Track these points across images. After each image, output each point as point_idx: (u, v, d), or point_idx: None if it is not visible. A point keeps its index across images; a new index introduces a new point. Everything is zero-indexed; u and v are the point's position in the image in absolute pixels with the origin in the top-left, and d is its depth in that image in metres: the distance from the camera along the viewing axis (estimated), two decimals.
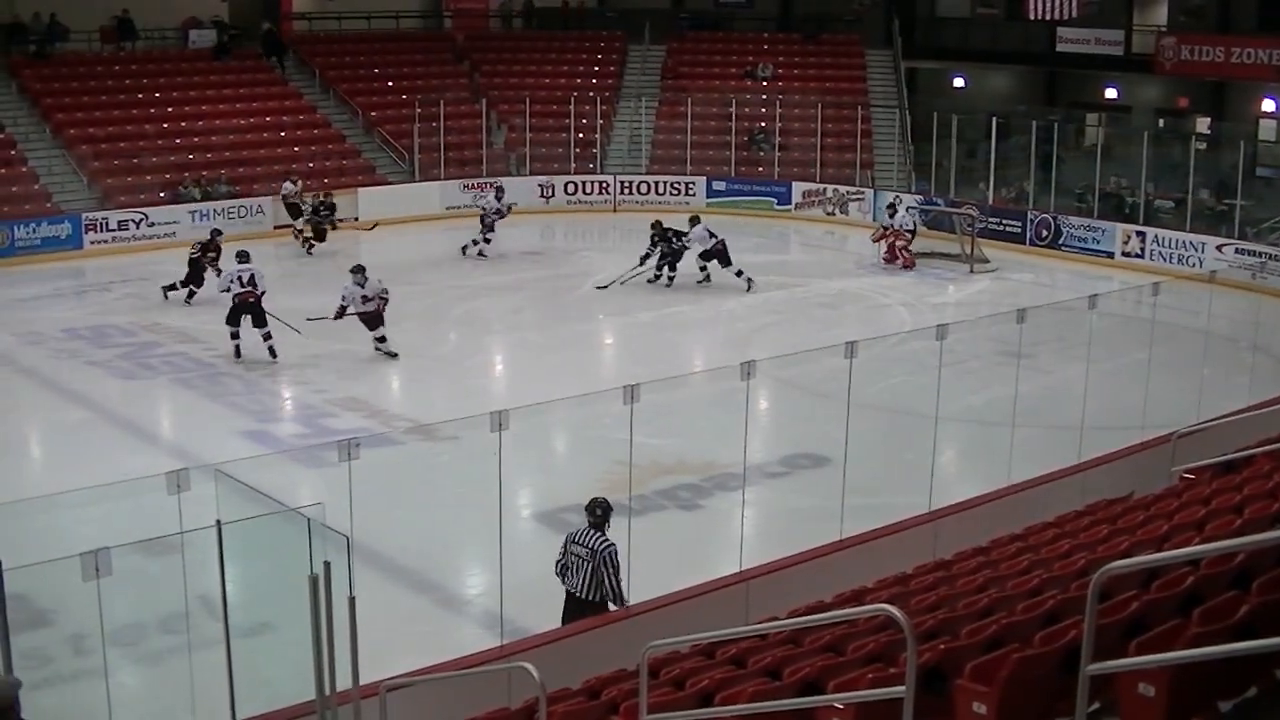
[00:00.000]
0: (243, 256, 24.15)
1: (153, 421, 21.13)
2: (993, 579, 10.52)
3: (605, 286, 28.38)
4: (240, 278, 23.44)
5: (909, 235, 32.22)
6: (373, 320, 23.64)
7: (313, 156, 38.26)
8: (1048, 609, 8.60)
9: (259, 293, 23.42)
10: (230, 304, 23.45)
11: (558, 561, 12.61)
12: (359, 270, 24.00)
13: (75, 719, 11.33)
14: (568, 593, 12.52)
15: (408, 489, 16.76)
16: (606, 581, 12.32)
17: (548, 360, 23.97)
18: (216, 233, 28.86)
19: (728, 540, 14.69)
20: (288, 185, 34.32)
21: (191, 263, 27.81)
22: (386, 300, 23.79)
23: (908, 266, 31.79)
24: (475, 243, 32.76)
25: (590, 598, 12.33)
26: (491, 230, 32.85)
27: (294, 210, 34.00)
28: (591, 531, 12.46)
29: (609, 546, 12.35)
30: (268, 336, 23.25)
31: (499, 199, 33.12)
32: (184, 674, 11.45)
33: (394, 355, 23.57)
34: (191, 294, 27.72)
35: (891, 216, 32.50)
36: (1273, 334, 23.78)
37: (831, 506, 14.47)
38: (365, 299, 23.56)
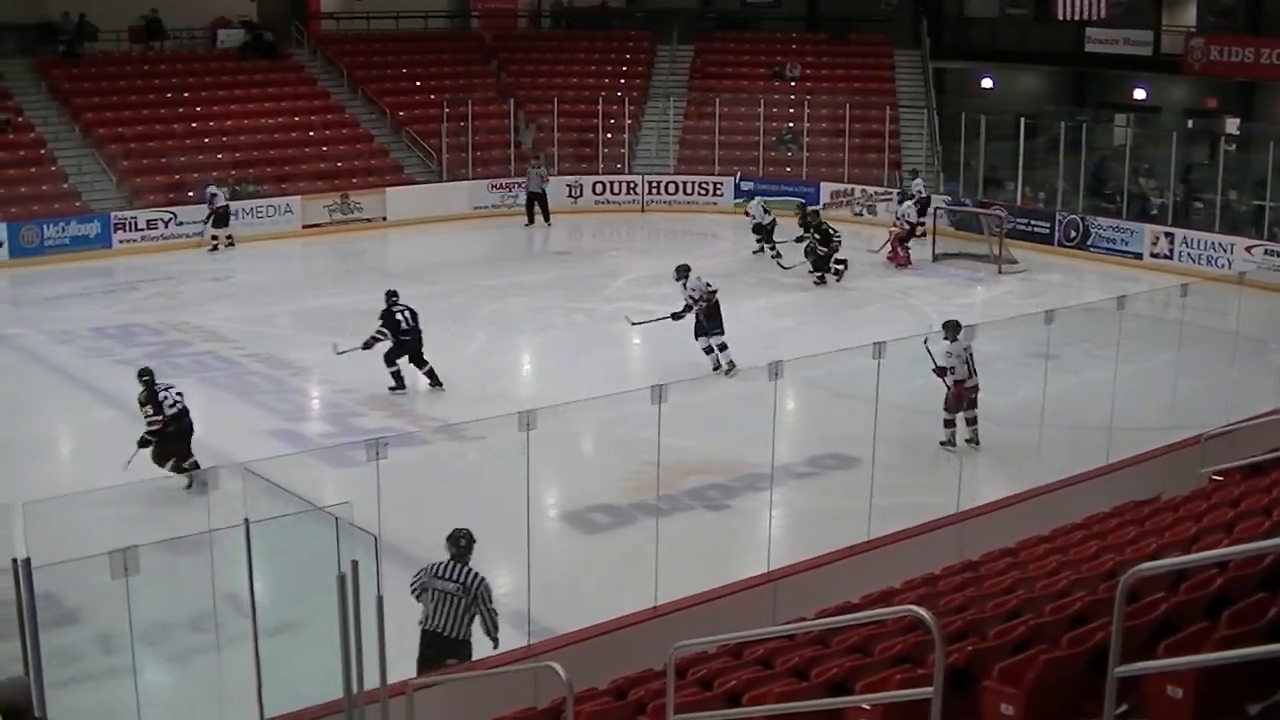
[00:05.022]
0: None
1: None
2: (1020, 580, 10.50)
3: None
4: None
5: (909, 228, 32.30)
6: None
7: (341, 156, 38.34)
8: (1076, 610, 8.58)
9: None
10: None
11: (412, 589, 11.80)
12: None
13: (103, 717, 11.37)
14: (427, 633, 11.72)
15: (435, 489, 16.79)
16: (483, 617, 11.67)
17: (575, 360, 23.96)
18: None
19: (755, 540, 14.68)
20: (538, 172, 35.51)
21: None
22: None
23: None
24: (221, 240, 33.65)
25: (457, 636, 11.66)
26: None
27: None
28: (455, 565, 11.71)
29: (483, 580, 11.66)
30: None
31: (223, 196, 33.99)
32: (212, 672, 11.50)
33: None
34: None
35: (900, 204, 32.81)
36: None
37: (859, 507, 14.45)
38: None
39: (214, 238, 33.35)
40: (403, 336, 21.83)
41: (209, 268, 31.71)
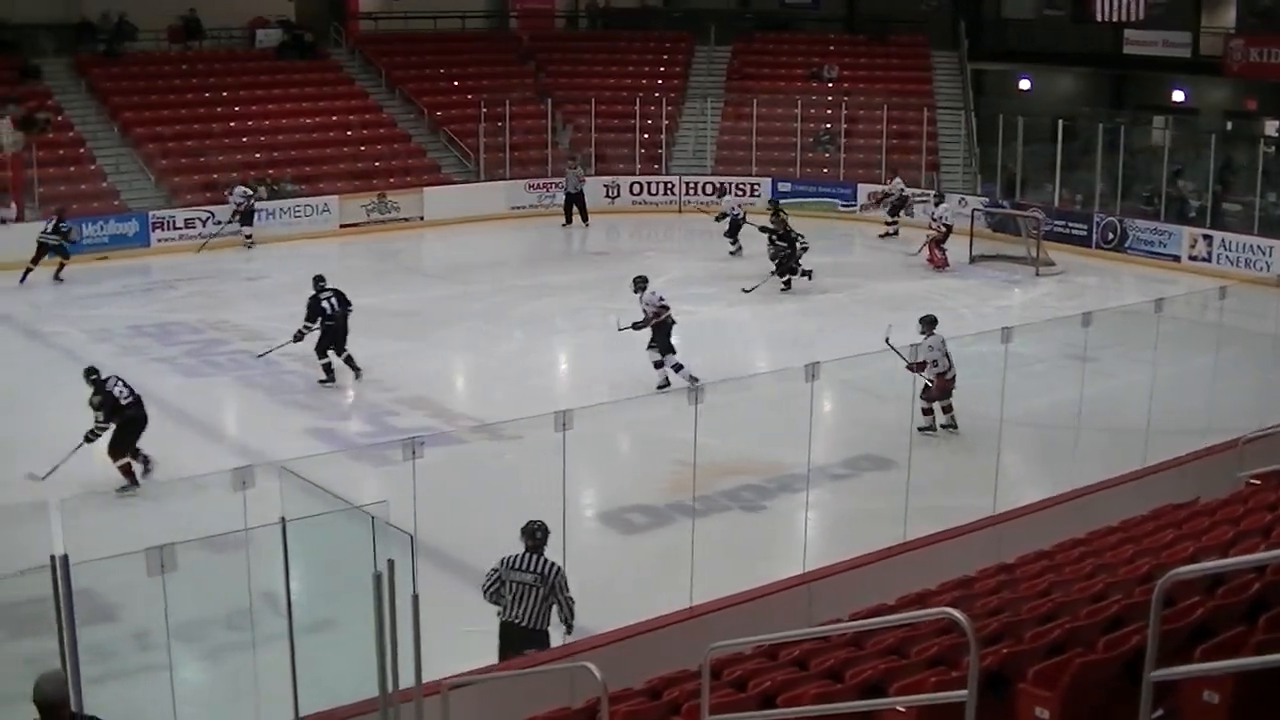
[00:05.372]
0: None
1: (218, 418, 21.27)
2: (1056, 583, 10.47)
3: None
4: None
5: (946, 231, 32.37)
6: None
7: (378, 156, 38.47)
8: (1111, 614, 8.55)
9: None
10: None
11: (486, 589, 11.95)
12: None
13: (139, 714, 11.41)
14: (506, 625, 11.83)
15: (472, 488, 16.82)
16: (561, 607, 11.76)
17: (611, 360, 23.90)
18: None
19: (791, 541, 14.68)
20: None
21: None
22: None
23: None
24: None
25: (536, 626, 11.74)
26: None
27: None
28: (532, 556, 11.74)
29: (559, 569, 11.74)
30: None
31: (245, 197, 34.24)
32: (247, 670, 11.52)
33: None
34: None
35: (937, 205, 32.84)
36: None
37: (895, 509, 14.44)
38: None
39: (247, 235, 33.59)
40: (327, 323, 21.92)
41: (246, 267, 31.84)
